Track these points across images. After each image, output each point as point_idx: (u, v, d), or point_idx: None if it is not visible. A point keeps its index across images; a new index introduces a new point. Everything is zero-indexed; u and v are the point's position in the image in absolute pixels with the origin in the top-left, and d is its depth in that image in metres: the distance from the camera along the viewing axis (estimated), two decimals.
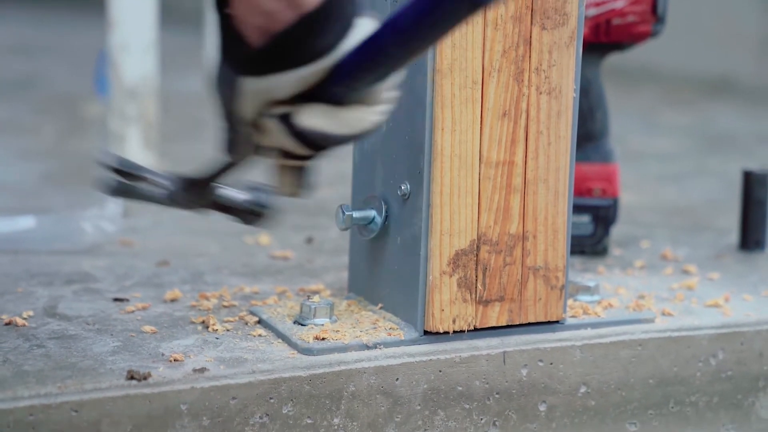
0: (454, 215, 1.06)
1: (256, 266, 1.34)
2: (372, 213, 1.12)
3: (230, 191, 1.02)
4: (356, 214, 1.12)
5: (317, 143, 0.91)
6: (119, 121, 1.91)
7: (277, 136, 0.91)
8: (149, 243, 1.44)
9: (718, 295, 1.26)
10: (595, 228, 1.42)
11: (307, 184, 0.98)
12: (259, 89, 0.88)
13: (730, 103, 3.30)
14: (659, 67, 3.66)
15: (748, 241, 1.49)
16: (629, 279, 1.32)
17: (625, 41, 1.40)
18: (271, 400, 1.00)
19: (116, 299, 1.18)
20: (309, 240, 1.49)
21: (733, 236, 1.55)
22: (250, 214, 1.02)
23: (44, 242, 1.37)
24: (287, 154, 0.94)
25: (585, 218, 1.42)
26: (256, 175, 1.03)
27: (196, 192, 1.01)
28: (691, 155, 2.41)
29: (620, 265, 1.39)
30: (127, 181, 1.01)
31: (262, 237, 1.48)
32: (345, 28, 0.87)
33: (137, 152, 1.86)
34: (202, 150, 2.26)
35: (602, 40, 1.40)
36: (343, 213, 1.12)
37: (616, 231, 1.52)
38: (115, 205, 1.41)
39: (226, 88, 0.91)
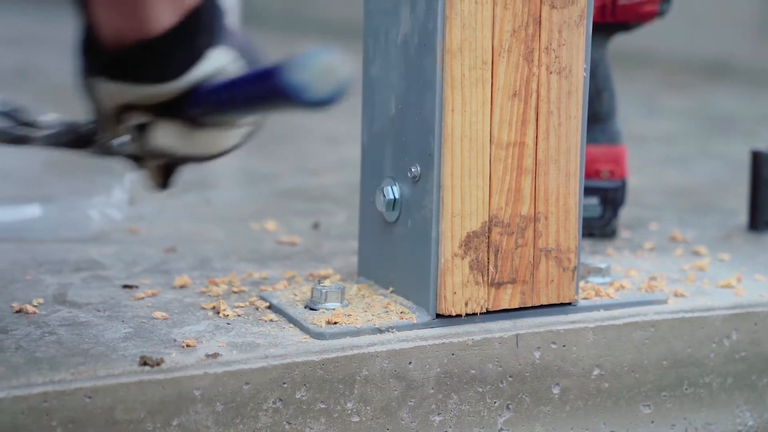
0: (465, 197, 1.05)
1: (264, 252, 1.34)
2: (393, 195, 1.10)
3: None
4: (396, 196, 1.10)
5: (169, 159, 0.93)
6: None
7: (134, 141, 0.93)
8: (156, 230, 1.44)
9: (730, 276, 1.25)
10: (603, 210, 1.41)
11: (170, 180, 1.00)
12: (111, 92, 0.89)
13: (729, 86, 3.29)
14: (658, 51, 3.65)
15: (757, 222, 1.48)
16: (639, 261, 1.31)
17: (632, 21, 1.39)
18: (285, 385, 0.99)
19: (125, 286, 1.17)
20: (315, 225, 1.48)
21: (741, 217, 1.55)
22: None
23: (50, 230, 1.36)
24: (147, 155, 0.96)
25: (593, 200, 1.41)
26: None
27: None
28: (694, 137, 2.40)
29: (629, 247, 1.38)
30: (20, 127, 0.99)
31: (268, 223, 1.47)
32: (193, 57, 0.88)
33: None
34: None
35: (608, 20, 1.39)
36: (384, 196, 1.10)
37: (624, 213, 1.51)
38: (121, 193, 1.40)
39: (84, 79, 0.92)
